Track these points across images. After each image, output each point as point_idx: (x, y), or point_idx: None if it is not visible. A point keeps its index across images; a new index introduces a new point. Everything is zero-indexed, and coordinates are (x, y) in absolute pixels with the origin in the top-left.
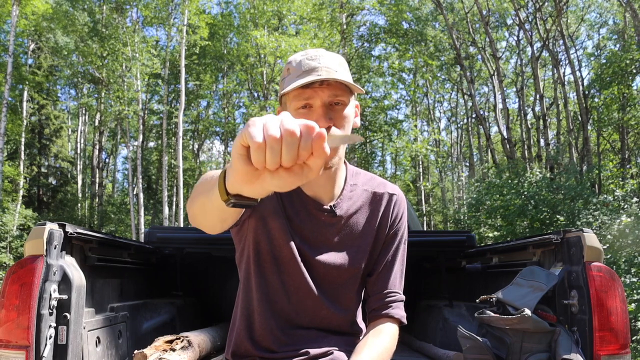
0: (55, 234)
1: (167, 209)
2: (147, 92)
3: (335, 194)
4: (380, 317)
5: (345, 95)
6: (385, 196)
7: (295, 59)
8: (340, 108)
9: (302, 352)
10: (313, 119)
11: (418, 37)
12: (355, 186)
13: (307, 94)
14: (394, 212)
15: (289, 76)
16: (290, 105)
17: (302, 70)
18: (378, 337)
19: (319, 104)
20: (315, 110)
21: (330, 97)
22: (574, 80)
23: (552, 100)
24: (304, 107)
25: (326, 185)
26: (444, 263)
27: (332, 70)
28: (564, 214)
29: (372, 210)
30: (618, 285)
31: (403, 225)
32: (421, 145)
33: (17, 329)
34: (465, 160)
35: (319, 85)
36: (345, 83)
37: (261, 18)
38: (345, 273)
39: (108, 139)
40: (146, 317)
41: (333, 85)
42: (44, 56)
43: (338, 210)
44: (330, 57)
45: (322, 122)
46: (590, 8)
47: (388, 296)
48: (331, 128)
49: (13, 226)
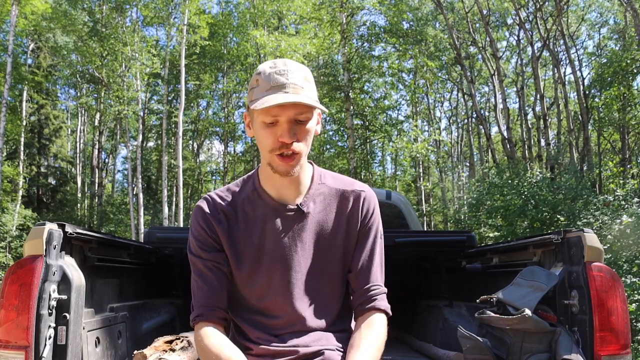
0: (55, 234)
1: (167, 209)
2: (147, 92)
3: (301, 192)
4: (367, 311)
5: (310, 112)
6: (354, 194)
7: (264, 70)
8: (304, 124)
9: (291, 351)
10: (278, 133)
11: (418, 37)
12: (322, 185)
13: (274, 111)
14: (364, 208)
15: (257, 87)
16: (258, 118)
17: (270, 85)
18: (371, 329)
19: (285, 120)
20: (281, 125)
21: (296, 115)
22: (575, 80)
23: (552, 100)
24: (271, 123)
25: (290, 187)
26: (444, 263)
27: (299, 87)
28: (565, 214)
29: (340, 207)
30: (619, 286)
31: (376, 221)
32: (421, 145)
33: (17, 329)
34: (465, 160)
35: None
36: (310, 105)
37: (261, 18)
38: (321, 269)
39: (107, 139)
40: (146, 317)
41: (299, 104)
42: (43, 56)
43: (305, 208)
44: (298, 73)
45: (286, 137)
46: (590, 7)
47: (371, 290)
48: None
49: (12, 226)
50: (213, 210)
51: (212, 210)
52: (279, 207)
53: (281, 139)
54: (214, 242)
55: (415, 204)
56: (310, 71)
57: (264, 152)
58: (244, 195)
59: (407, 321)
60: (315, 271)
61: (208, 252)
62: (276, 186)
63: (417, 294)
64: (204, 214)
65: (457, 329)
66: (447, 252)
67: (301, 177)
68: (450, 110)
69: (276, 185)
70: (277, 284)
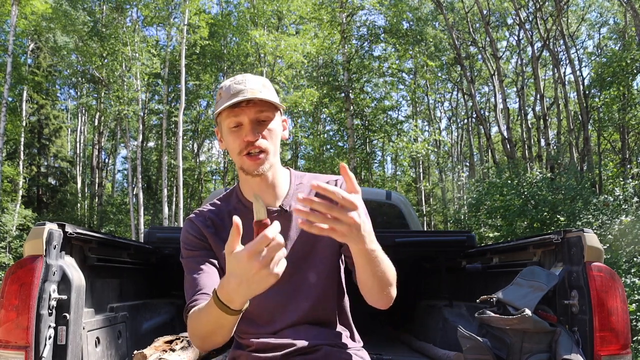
0: (55, 234)
1: (167, 209)
2: (147, 92)
3: (280, 195)
4: None
5: (270, 111)
6: (330, 183)
7: (225, 84)
8: (266, 123)
9: (289, 344)
10: (243, 134)
11: (418, 37)
12: (300, 185)
13: (235, 112)
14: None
15: (220, 100)
16: (224, 124)
17: (230, 93)
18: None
19: (247, 121)
20: (244, 127)
21: (257, 113)
22: (575, 80)
23: (552, 100)
24: (236, 126)
25: (268, 191)
26: (444, 263)
27: (257, 91)
28: (564, 214)
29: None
30: (619, 286)
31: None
32: (421, 145)
33: (17, 329)
34: (465, 160)
35: (245, 105)
36: (268, 100)
37: (261, 18)
38: (312, 264)
39: (108, 139)
40: (146, 317)
41: (257, 103)
42: (43, 56)
43: (287, 207)
44: (255, 80)
45: (250, 136)
46: (590, 7)
47: None
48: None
49: (12, 226)
50: (202, 219)
51: (200, 220)
52: None
53: (246, 138)
54: (203, 242)
55: (415, 204)
56: (268, 80)
57: (235, 156)
58: (230, 207)
59: (407, 321)
60: (307, 267)
61: (198, 250)
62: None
63: (417, 294)
64: (192, 224)
65: (457, 329)
66: (447, 252)
67: (278, 181)
68: (451, 110)
69: (254, 191)
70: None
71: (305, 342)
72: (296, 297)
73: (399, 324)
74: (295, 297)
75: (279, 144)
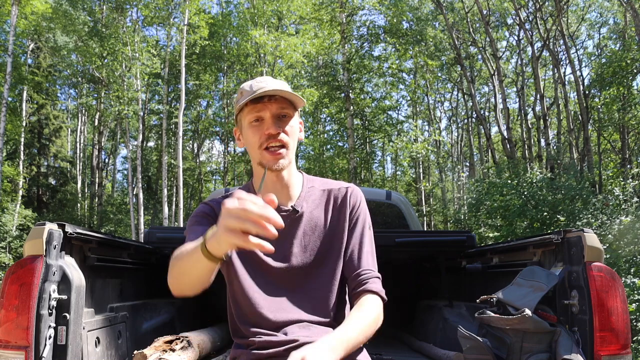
0: (55, 234)
1: (167, 208)
2: (147, 92)
3: (293, 196)
4: (360, 294)
5: (290, 110)
6: (341, 190)
7: (246, 84)
8: (287, 119)
9: (292, 340)
10: (264, 128)
11: (418, 37)
12: (312, 188)
13: (257, 108)
14: (351, 202)
15: (242, 98)
16: (245, 120)
17: (252, 91)
18: (360, 308)
19: (269, 116)
20: (266, 121)
21: (278, 109)
22: (575, 80)
23: (552, 100)
24: (257, 120)
25: (282, 190)
26: (444, 263)
27: (278, 90)
28: (564, 214)
29: (330, 204)
30: (619, 286)
31: (363, 212)
32: (421, 145)
33: (17, 329)
34: (465, 160)
35: (267, 100)
36: (290, 98)
37: (261, 18)
38: (317, 265)
39: (108, 139)
40: (146, 318)
41: (280, 100)
42: (43, 56)
43: (299, 208)
44: (276, 81)
45: (272, 129)
46: (590, 7)
47: (362, 274)
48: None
49: (12, 226)
50: (215, 203)
51: (214, 203)
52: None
53: (267, 131)
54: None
55: (415, 204)
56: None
57: (254, 151)
58: None
59: (407, 321)
60: (312, 268)
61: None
62: (269, 190)
63: (417, 294)
64: (206, 205)
65: (457, 329)
66: (447, 252)
67: (292, 181)
68: (451, 110)
69: (269, 189)
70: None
71: (308, 338)
72: (300, 296)
73: (399, 324)
74: (299, 296)
75: (296, 143)
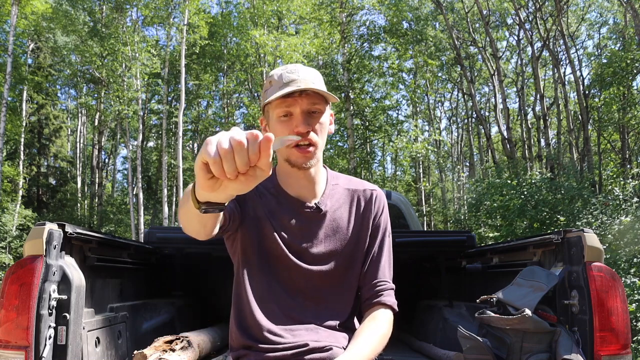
0: (55, 234)
1: (167, 208)
2: (147, 92)
3: (317, 193)
4: (373, 306)
5: (322, 104)
6: (366, 193)
7: (276, 72)
8: (317, 116)
9: (302, 344)
10: (293, 125)
11: (418, 36)
12: (336, 186)
13: (287, 102)
14: (375, 206)
15: (270, 88)
16: (273, 114)
17: (282, 82)
18: (374, 323)
19: (299, 112)
20: (295, 117)
21: (309, 105)
22: (575, 79)
23: (552, 100)
24: (285, 115)
25: (308, 187)
26: (444, 263)
27: (310, 82)
28: (564, 214)
29: (354, 206)
30: (619, 286)
31: (385, 219)
32: (421, 145)
33: (17, 329)
34: (465, 160)
35: (298, 95)
36: (322, 93)
37: (261, 18)
38: (334, 264)
39: (108, 139)
40: (146, 318)
41: (311, 95)
42: (43, 56)
43: (322, 207)
44: (308, 71)
45: (301, 127)
46: (590, 7)
47: (378, 285)
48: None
49: (12, 226)
50: None
51: None
52: (297, 204)
53: (296, 129)
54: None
55: (415, 204)
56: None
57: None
58: (267, 185)
59: (407, 321)
60: (330, 271)
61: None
62: (294, 186)
63: (417, 294)
64: None
65: (457, 329)
66: (447, 252)
67: (317, 178)
68: (451, 110)
69: (294, 184)
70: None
71: (317, 342)
72: (313, 299)
73: (399, 324)
74: (311, 298)
75: (326, 138)
